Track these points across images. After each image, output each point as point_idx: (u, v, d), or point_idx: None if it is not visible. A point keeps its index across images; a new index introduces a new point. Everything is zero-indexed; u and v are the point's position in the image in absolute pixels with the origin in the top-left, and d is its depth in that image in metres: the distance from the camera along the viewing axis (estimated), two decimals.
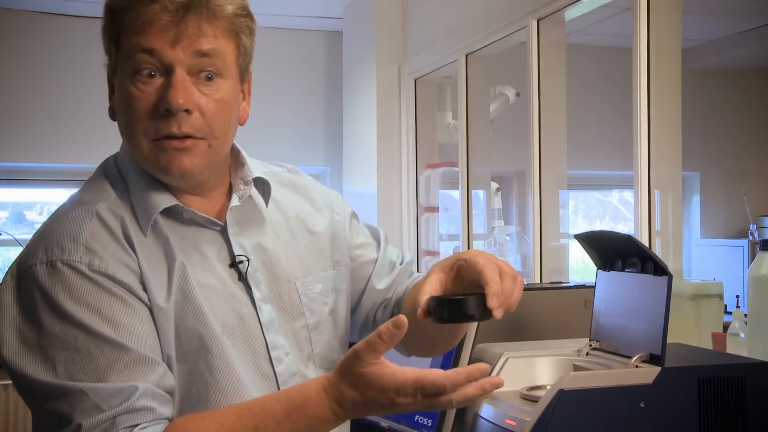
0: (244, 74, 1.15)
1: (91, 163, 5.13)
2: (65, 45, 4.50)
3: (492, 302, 1.00)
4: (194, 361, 1.08)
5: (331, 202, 1.32)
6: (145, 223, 1.09)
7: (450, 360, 1.61)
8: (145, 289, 1.06)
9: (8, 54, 4.43)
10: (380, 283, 1.34)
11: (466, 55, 3.42)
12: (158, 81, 1.06)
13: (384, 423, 1.81)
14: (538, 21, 2.83)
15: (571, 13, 2.76)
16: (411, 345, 1.30)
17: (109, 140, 5.34)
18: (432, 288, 1.07)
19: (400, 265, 1.38)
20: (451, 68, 3.62)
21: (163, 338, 1.07)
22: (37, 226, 1.12)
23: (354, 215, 1.37)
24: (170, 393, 1.06)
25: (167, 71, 1.05)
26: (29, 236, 1.10)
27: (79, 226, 1.06)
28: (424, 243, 3.94)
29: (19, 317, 1.02)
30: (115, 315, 1.02)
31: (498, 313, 1.01)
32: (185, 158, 1.07)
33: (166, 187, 1.12)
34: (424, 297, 1.05)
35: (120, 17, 1.06)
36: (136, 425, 0.98)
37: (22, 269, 1.04)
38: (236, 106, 1.13)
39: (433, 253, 3.88)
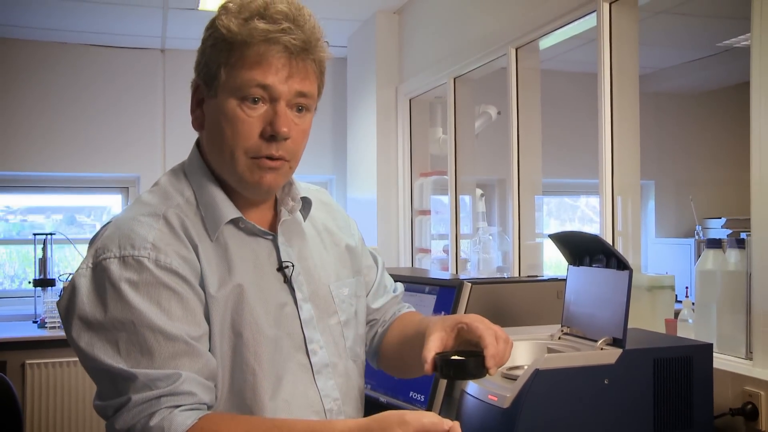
0: (317, 104, 1.17)
1: (129, 173, 5.16)
2: (111, 72, 4.57)
3: (490, 363, 1.05)
4: (241, 352, 1.08)
5: (349, 224, 1.35)
6: (213, 229, 1.10)
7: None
8: (202, 282, 1.06)
9: (63, 79, 4.50)
10: (375, 303, 1.35)
11: (454, 79, 3.42)
12: (262, 108, 1.07)
13: (383, 398, 1.81)
14: (516, 49, 2.84)
15: (545, 42, 2.77)
16: (391, 368, 1.34)
17: (142, 154, 5.36)
18: (435, 345, 1.09)
19: (393, 293, 1.39)
20: (441, 90, 3.62)
21: (215, 325, 1.06)
22: (86, 227, 1.11)
23: (364, 240, 1.38)
24: (212, 379, 1.05)
25: (272, 100, 1.07)
26: (80, 236, 1.09)
27: (148, 228, 1.06)
28: (418, 242, 3.94)
29: (90, 301, 1.02)
30: (172, 307, 1.02)
31: (493, 371, 1.05)
32: (274, 176, 1.10)
33: (231, 199, 1.13)
34: (431, 354, 1.07)
35: (241, 51, 1.06)
36: (178, 406, 0.99)
37: (97, 260, 1.04)
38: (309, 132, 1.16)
39: (426, 251, 3.88)
